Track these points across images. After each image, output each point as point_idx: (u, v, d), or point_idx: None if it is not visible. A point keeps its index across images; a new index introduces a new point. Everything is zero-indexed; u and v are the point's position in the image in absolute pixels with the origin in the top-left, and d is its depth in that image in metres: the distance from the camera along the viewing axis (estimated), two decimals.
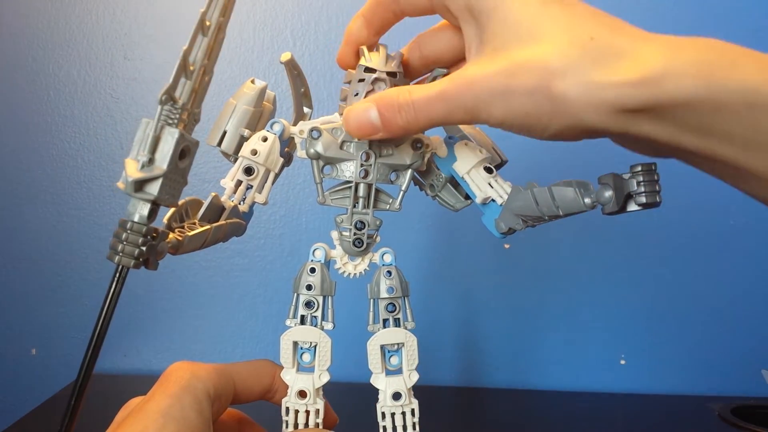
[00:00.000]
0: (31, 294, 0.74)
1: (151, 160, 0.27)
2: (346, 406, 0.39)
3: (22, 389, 0.74)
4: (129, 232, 0.27)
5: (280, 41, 0.70)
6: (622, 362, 0.71)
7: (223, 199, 0.34)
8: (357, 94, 0.33)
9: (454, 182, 0.36)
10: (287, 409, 0.35)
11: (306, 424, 0.35)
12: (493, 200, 0.34)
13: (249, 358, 0.36)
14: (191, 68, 0.27)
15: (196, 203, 0.33)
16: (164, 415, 0.28)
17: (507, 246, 0.69)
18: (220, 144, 0.35)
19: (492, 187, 0.34)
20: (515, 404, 0.67)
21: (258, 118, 0.35)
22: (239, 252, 0.73)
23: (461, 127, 0.36)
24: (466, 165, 0.35)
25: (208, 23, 0.27)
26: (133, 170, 0.26)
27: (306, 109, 0.38)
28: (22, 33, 0.71)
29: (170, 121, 0.27)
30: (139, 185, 0.27)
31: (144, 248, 0.27)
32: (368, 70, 0.33)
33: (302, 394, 0.35)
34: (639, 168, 0.29)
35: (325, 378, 0.35)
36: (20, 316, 0.74)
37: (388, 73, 0.33)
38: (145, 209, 0.27)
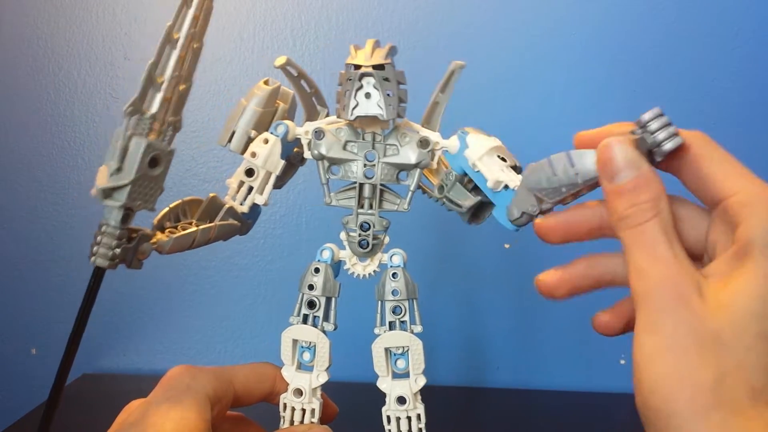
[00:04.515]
0: (31, 294, 0.74)
1: (119, 169, 0.28)
2: (349, 406, 0.39)
3: (22, 389, 0.74)
4: (103, 235, 0.29)
5: (280, 41, 0.70)
6: (622, 362, 0.70)
7: (226, 198, 0.35)
8: (347, 93, 0.32)
9: (464, 181, 0.35)
10: (284, 405, 0.35)
11: (301, 422, 0.35)
12: (506, 186, 0.32)
13: (249, 358, 0.36)
14: (160, 80, 0.28)
15: (196, 203, 0.34)
16: (164, 417, 0.29)
17: (507, 246, 0.69)
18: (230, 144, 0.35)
19: (504, 172, 0.33)
20: (515, 404, 0.67)
21: (270, 119, 0.35)
22: (239, 252, 0.73)
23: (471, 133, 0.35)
24: (478, 151, 0.33)
25: (176, 36, 0.28)
26: (102, 178, 0.28)
27: (321, 108, 0.38)
28: (22, 33, 0.71)
29: (139, 131, 0.28)
30: (108, 192, 0.28)
31: (118, 250, 0.29)
32: (355, 67, 0.32)
33: (299, 392, 0.35)
34: (647, 117, 0.27)
35: (323, 378, 0.35)
36: (20, 316, 0.74)
37: (375, 66, 0.31)
38: (118, 214, 0.29)
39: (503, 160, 0.33)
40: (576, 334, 0.70)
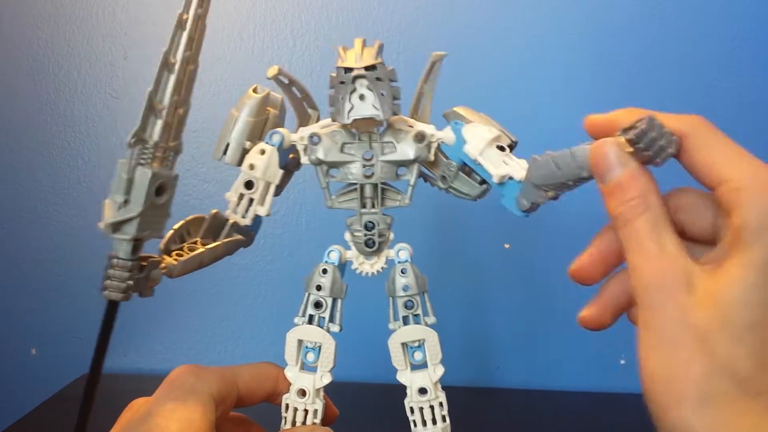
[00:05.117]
0: (31, 294, 0.74)
1: (126, 201, 0.28)
2: (349, 407, 0.39)
3: (22, 389, 0.74)
4: (115, 268, 0.29)
5: (280, 41, 0.70)
6: (622, 362, 0.70)
7: (227, 212, 0.35)
8: (341, 97, 0.32)
9: (466, 170, 0.35)
10: (287, 405, 0.35)
11: (304, 423, 0.35)
12: (510, 178, 0.33)
13: (249, 358, 0.36)
14: (160, 107, 0.28)
15: (198, 221, 0.34)
16: (169, 417, 0.29)
17: (507, 246, 0.69)
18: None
19: (507, 164, 0.33)
20: (515, 404, 0.67)
21: (262, 127, 0.35)
22: (239, 252, 0.72)
23: (462, 113, 0.35)
24: (478, 146, 0.33)
25: (172, 60, 0.27)
26: (109, 212, 0.28)
27: (312, 111, 0.38)
28: (22, 33, 0.71)
29: (143, 161, 0.28)
30: (117, 226, 0.28)
31: (131, 282, 0.29)
32: (347, 70, 0.31)
33: (302, 392, 0.35)
34: (637, 129, 0.26)
35: (327, 379, 0.35)
36: (20, 316, 0.74)
37: (367, 68, 0.31)
38: (128, 247, 0.29)
39: (501, 149, 0.33)
40: (576, 334, 0.70)
